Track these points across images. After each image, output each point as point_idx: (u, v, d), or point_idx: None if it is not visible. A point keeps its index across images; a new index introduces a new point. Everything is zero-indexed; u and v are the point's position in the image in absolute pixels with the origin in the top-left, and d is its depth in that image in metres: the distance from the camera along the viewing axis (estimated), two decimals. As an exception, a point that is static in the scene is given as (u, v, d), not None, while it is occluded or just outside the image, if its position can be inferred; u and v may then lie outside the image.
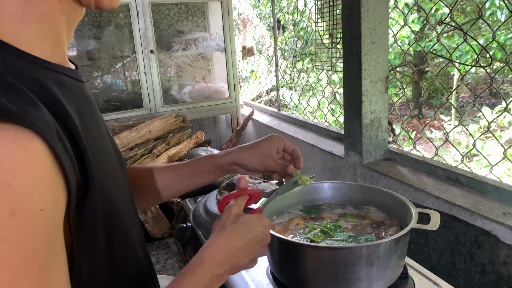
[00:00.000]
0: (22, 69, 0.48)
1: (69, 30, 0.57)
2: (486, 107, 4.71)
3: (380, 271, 0.85)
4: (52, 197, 0.44)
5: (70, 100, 0.52)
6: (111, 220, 0.56)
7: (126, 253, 0.61)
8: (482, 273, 1.20)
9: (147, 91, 2.90)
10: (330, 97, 3.00)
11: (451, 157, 3.54)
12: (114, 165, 0.63)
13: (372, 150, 1.69)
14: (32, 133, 0.42)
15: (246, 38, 3.47)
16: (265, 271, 1.04)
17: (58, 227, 0.46)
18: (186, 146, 2.85)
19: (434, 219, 0.92)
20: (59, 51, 0.56)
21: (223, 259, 0.66)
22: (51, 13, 0.52)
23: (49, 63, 0.52)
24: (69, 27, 0.57)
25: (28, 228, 0.41)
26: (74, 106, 0.53)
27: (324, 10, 2.10)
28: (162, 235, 2.58)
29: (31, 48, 0.50)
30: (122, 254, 0.60)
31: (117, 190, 0.60)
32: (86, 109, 0.58)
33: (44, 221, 0.43)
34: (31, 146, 0.42)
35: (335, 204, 1.15)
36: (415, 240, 1.42)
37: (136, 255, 0.65)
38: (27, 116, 0.42)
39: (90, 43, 2.98)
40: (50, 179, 0.44)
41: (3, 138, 0.40)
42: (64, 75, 0.55)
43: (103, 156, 0.57)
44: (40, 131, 0.42)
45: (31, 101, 0.44)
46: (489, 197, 1.26)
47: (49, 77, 0.51)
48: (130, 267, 0.62)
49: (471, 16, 4.92)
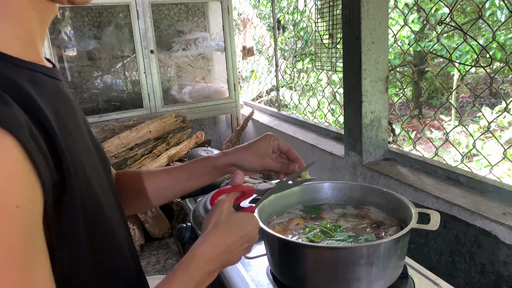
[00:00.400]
0: None
1: (42, 27, 0.56)
2: (486, 107, 4.71)
3: (380, 271, 0.86)
4: (27, 194, 0.43)
5: (45, 98, 0.51)
6: (93, 218, 0.56)
7: (112, 252, 0.61)
8: (482, 273, 1.20)
9: (147, 91, 2.90)
10: (330, 97, 3.00)
11: (451, 157, 3.54)
12: (96, 164, 0.63)
13: (372, 150, 1.69)
14: (3, 130, 0.41)
15: (246, 38, 3.47)
16: (265, 271, 1.04)
17: (36, 224, 0.45)
18: (186, 146, 2.85)
19: (434, 219, 0.92)
20: (32, 49, 0.55)
21: (215, 257, 0.67)
22: (21, 11, 0.52)
23: (22, 61, 0.52)
24: (42, 24, 0.56)
25: (5, 225, 0.41)
26: (50, 105, 0.52)
27: (324, 10, 2.10)
28: (162, 235, 2.58)
29: (3, 47, 0.50)
30: (107, 253, 0.60)
31: (100, 189, 0.60)
32: (64, 108, 0.57)
33: (21, 218, 0.42)
34: (3, 143, 0.41)
35: (335, 204, 1.15)
36: (415, 240, 1.42)
37: (123, 254, 0.65)
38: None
39: (90, 43, 2.98)
40: (24, 176, 0.43)
41: None
42: (38, 73, 0.54)
43: (83, 155, 0.57)
44: (10, 128, 0.42)
45: (1, 99, 0.43)
46: (489, 197, 1.26)
47: (22, 75, 0.50)
48: (116, 266, 0.62)
49: (471, 16, 4.92)
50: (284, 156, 0.91)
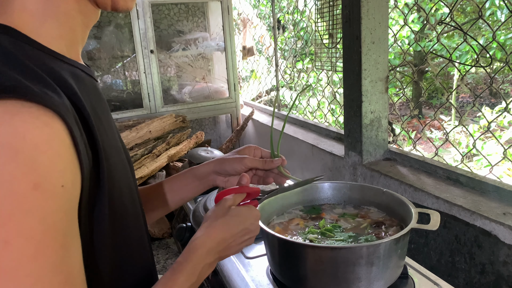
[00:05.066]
0: (41, 60, 0.50)
1: (85, 30, 0.60)
2: (486, 107, 4.71)
3: (380, 271, 0.85)
4: (70, 176, 0.45)
5: (85, 93, 0.54)
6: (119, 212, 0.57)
7: (131, 251, 0.63)
8: (482, 273, 1.20)
9: (147, 91, 2.90)
10: (330, 97, 3.00)
11: (451, 157, 3.54)
12: (124, 162, 0.64)
13: (372, 150, 1.69)
14: (53, 112, 0.44)
15: (246, 38, 3.47)
16: (265, 271, 1.04)
17: (74, 207, 0.47)
18: (186, 146, 2.85)
19: (434, 219, 0.92)
20: (74, 49, 0.58)
21: (213, 247, 0.67)
22: (69, 12, 0.55)
23: (65, 57, 0.55)
24: (85, 28, 0.59)
25: (50, 202, 0.42)
26: (89, 100, 0.54)
27: (324, 10, 2.10)
28: (162, 235, 2.58)
29: (49, 44, 0.53)
30: (129, 250, 0.61)
31: (128, 187, 0.62)
32: (99, 105, 0.59)
33: (65, 198, 0.44)
34: (53, 124, 0.43)
35: (335, 204, 1.15)
36: (415, 240, 1.42)
37: (144, 251, 0.67)
38: (48, 97, 0.44)
39: (90, 43, 2.98)
40: (69, 158, 0.45)
41: (27, 115, 0.42)
42: (79, 70, 0.57)
43: (114, 152, 0.59)
44: (60, 112, 0.44)
45: (51, 87, 0.46)
46: (489, 197, 1.26)
47: (65, 69, 0.53)
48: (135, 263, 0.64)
49: (471, 16, 4.92)
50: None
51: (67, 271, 0.44)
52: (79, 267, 0.47)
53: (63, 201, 0.43)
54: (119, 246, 0.58)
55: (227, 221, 0.70)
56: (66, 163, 0.44)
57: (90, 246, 0.52)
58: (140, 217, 0.67)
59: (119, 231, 0.57)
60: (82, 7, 0.57)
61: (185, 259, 0.64)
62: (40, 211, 0.41)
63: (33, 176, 0.41)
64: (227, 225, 0.70)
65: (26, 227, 0.40)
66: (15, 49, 0.48)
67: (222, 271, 1.09)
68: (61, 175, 0.43)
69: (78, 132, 0.47)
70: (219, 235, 0.69)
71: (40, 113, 0.42)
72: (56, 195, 0.43)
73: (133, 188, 0.66)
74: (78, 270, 0.46)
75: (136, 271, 0.64)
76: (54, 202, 0.42)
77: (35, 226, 0.41)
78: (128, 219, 0.60)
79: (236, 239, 0.71)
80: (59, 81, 0.49)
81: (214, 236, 0.68)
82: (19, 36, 0.50)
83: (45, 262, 0.41)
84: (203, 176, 0.89)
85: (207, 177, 0.89)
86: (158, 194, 0.89)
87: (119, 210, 0.57)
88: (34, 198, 0.41)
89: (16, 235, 0.40)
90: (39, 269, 0.41)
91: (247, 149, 0.90)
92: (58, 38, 0.54)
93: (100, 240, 0.53)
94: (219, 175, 0.88)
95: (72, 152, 0.45)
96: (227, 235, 0.69)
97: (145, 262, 0.67)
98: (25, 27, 0.51)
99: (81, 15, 0.57)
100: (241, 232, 0.71)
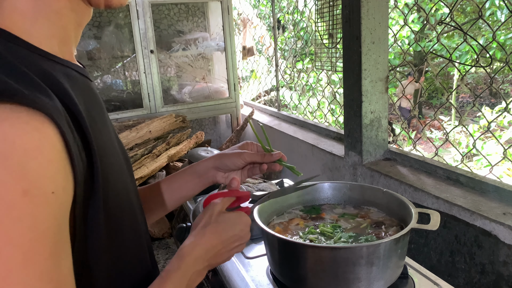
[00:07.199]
0: (33, 61, 0.49)
1: (77, 29, 0.59)
2: (486, 107, 4.71)
3: (380, 271, 0.85)
4: (62, 182, 0.44)
5: (78, 94, 0.53)
6: (116, 214, 0.56)
7: (128, 252, 0.62)
8: (482, 273, 1.20)
9: (147, 91, 2.90)
10: (330, 97, 3.00)
11: (451, 157, 3.54)
12: (121, 163, 0.63)
13: (372, 150, 1.69)
14: (44, 116, 0.43)
15: (246, 38, 3.47)
16: (265, 271, 1.04)
17: (66, 213, 0.46)
18: (186, 146, 2.85)
19: (434, 219, 0.92)
20: (66, 48, 0.57)
21: (201, 255, 0.66)
22: (60, 11, 0.54)
23: (57, 58, 0.54)
24: (78, 27, 0.58)
25: (40, 209, 0.41)
26: (82, 100, 0.53)
27: (324, 10, 2.10)
28: (162, 235, 2.58)
29: (41, 44, 0.52)
30: (125, 252, 0.61)
31: (124, 189, 0.61)
32: (94, 106, 0.58)
33: (55, 205, 0.43)
34: (43, 129, 0.42)
35: (335, 204, 1.15)
36: (415, 240, 1.42)
37: (142, 253, 0.66)
38: (38, 100, 0.43)
39: (90, 43, 2.98)
40: (61, 164, 0.44)
41: (16, 120, 0.41)
42: (72, 70, 0.56)
43: (109, 153, 0.58)
44: (51, 115, 0.43)
45: (42, 89, 0.45)
46: (489, 197, 1.26)
47: (58, 70, 0.52)
48: (132, 265, 0.63)
49: (471, 16, 4.93)
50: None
51: (57, 279, 0.43)
52: (70, 274, 0.46)
53: (53, 207, 0.43)
54: (115, 248, 0.57)
55: (215, 228, 0.69)
56: (57, 169, 0.43)
57: (84, 249, 0.51)
58: (137, 218, 0.66)
59: (115, 232, 0.56)
60: (74, 5, 0.55)
61: (173, 267, 0.63)
62: (30, 218, 0.40)
63: (22, 183, 0.40)
64: (216, 232, 0.69)
65: (15, 235, 0.39)
66: (5, 51, 0.47)
67: (222, 271, 1.09)
68: (51, 181, 0.42)
69: (71, 135, 0.46)
70: (208, 242, 0.67)
71: (30, 117, 0.42)
72: (46, 201, 0.42)
73: (130, 188, 0.65)
74: (68, 277, 0.45)
75: (133, 272, 0.63)
76: (44, 209, 0.42)
77: (24, 233, 0.40)
78: (124, 220, 0.60)
79: (226, 246, 0.70)
80: (51, 82, 0.48)
81: (202, 244, 0.67)
82: (9, 37, 0.49)
83: (35, 270, 0.41)
84: (203, 172, 0.88)
85: (207, 173, 0.88)
86: (157, 193, 0.88)
87: (114, 212, 0.56)
88: (23, 205, 0.40)
89: (5, 243, 0.39)
90: (28, 278, 0.40)
91: (245, 145, 0.90)
92: (50, 37, 0.53)
93: (95, 242, 0.52)
94: (219, 171, 0.88)
95: (64, 156, 0.45)
96: (216, 242, 0.68)
97: (143, 264, 0.66)
98: (15, 27, 0.50)
99: (73, 14, 0.56)
100: (230, 239, 0.70)
